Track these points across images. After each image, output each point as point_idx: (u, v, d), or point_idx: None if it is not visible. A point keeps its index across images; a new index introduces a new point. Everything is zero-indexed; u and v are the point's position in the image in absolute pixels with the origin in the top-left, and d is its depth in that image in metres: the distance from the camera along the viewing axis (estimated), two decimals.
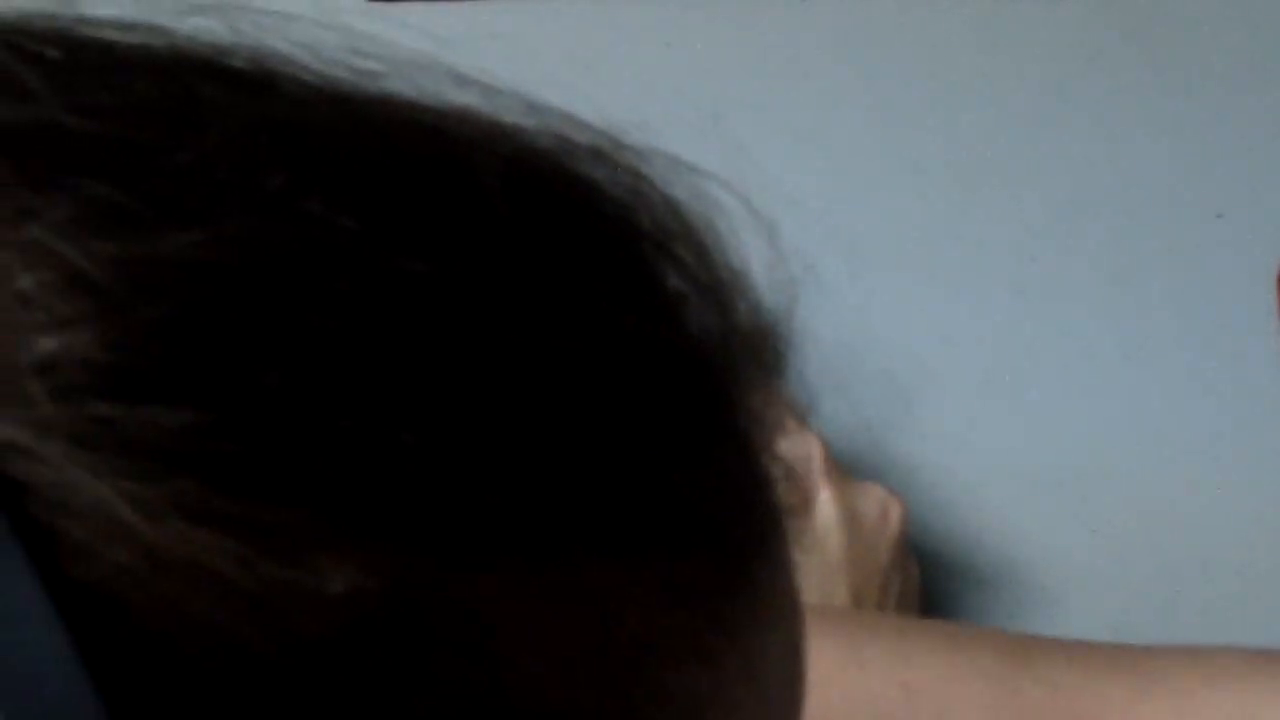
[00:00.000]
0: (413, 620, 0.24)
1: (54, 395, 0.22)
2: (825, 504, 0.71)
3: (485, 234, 0.27)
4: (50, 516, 0.22)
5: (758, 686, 0.28)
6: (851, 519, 0.72)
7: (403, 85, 0.28)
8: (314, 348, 0.24)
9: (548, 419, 0.26)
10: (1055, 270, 0.84)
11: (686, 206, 0.29)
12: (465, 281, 0.26)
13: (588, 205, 0.28)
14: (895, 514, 0.73)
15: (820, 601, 0.70)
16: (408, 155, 0.27)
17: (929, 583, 0.76)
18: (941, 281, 0.84)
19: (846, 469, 0.74)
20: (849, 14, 0.88)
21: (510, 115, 0.28)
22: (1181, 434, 0.81)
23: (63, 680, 0.21)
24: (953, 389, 0.82)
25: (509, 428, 0.25)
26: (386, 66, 0.28)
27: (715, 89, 0.86)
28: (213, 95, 0.26)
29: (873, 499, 0.73)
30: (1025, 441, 0.81)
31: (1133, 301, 0.83)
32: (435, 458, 0.24)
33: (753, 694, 0.28)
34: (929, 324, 0.83)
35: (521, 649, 0.25)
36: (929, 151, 0.85)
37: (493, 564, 0.25)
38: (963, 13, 0.88)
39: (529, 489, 0.25)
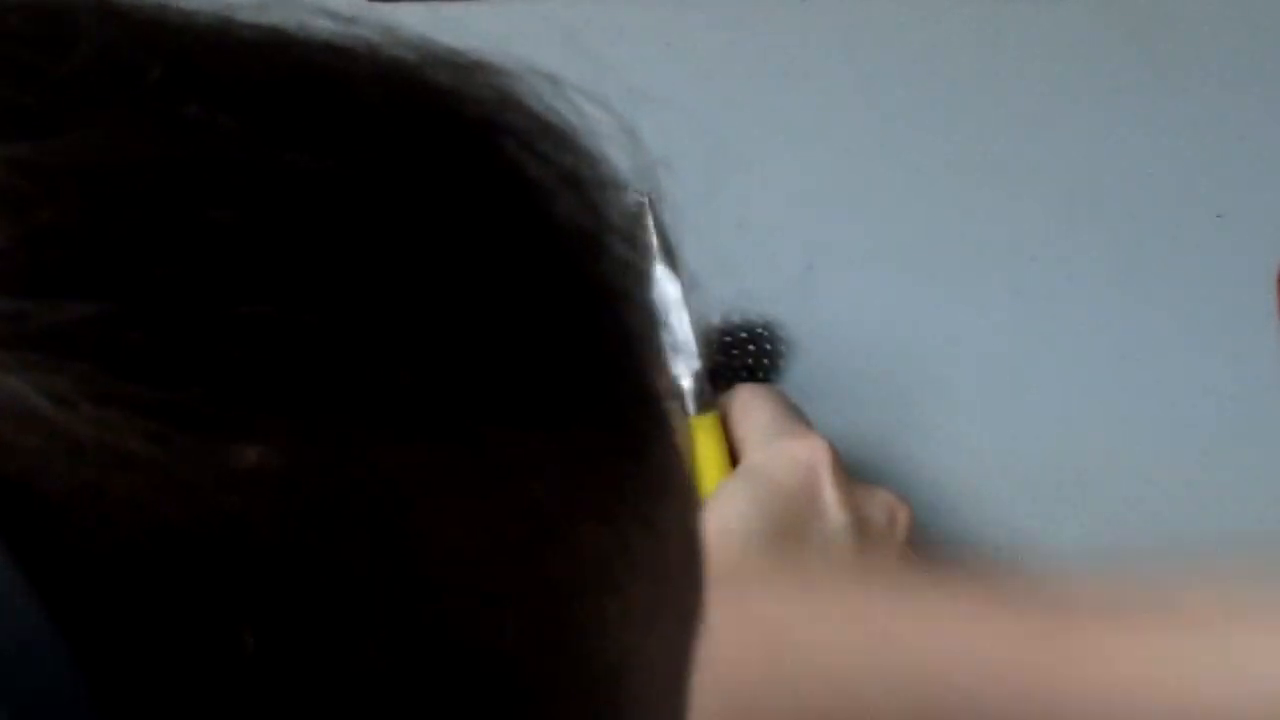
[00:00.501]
0: (327, 495, 0.24)
1: None
2: (833, 509, 0.71)
3: (361, 129, 0.28)
4: None
5: (659, 553, 0.30)
6: (859, 524, 0.71)
7: (260, 15, 0.29)
8: (207, 238, 0.25)
9: (437, 298, 0.27)
10: (1055, 270, 0.84)
11: (549, 110, 0.30)
12: (347, 171, 0.27)
13: (451, 106, 0.30)
14: (902, 519, 0.72)
15: None
16: (280, 61, 0.28)
17: None
18: (941, 281, 0.84)
19: (848, 471, 0.73)
20: (849, 14, 0.88)
21: (371, 37, 0.30)
22: (1181, 434, 0.81)
23: None
24: (953, 389, 0.82)
25: (402, 306, 0.26)
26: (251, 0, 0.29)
27: (715, 89, 0.86)
28: (89, 21, 0.27)
29: (880, 504, 0.72)
30: (1025, 441, 0.81)
31: (1133, 301, 0.83)
32: (332, 338, 0.25)
33: (656, 559, 0.30)
34: (929, 324, 0.83)
35: (434, 521, 0.25)
36: (929, 151, 0.85)
37: (398, 439, 0.25)
38: (963, 13, 0.87)
39: (428, 366, 0.26)
